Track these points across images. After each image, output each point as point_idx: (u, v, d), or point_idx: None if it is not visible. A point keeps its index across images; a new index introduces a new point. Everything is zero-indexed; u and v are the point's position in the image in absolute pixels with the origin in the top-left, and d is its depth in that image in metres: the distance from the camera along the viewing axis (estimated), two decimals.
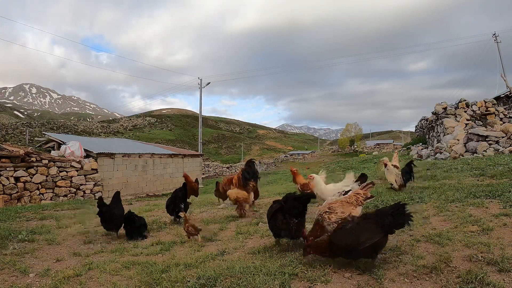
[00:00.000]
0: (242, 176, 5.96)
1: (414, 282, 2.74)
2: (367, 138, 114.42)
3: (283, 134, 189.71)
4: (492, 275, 2.69)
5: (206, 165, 62.32)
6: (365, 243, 2.90)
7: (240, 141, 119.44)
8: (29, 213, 7.59)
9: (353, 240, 2.94)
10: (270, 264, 3.24)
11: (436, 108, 18.98)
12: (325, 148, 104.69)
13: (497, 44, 35.35)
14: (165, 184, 18.48)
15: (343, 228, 3.09)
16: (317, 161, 64.02)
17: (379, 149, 69.18)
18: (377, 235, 2.95)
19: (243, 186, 5.87)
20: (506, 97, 21.30)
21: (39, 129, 75.49)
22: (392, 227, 3.04)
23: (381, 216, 3.06)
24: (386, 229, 3.01)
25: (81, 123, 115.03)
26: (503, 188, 5.51)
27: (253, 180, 5.89)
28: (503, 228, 3.77)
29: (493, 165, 8.54)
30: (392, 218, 3.02)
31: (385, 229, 3.00)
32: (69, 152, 13.82)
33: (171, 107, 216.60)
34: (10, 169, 11.23)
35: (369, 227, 3.00)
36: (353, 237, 2.96)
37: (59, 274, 3.34)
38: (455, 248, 3.32)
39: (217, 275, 2.99)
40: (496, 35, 35.71)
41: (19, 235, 5.04)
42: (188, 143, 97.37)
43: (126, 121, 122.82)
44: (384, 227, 3.00)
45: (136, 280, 3.11)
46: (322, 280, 2.84)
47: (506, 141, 12.71)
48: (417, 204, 5.40)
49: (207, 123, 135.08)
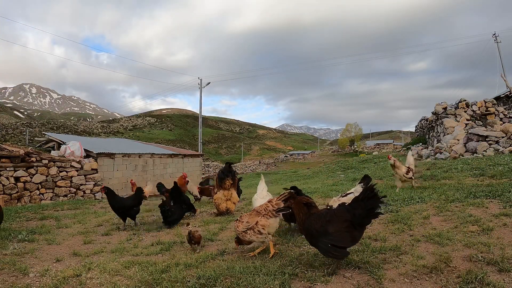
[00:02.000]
0: (218, 176, 6.37)
1: (414, 282, 2.74)
2: (367, 138, 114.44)
3: (283, 134, 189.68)
4: (492, 275, 2.69)
5: (206, 165, 62.36)
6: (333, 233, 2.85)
7: (240, 141, 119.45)
8: (29, 213, 7.59)
9: (320, 225, 2.92)
10: (270, 264, 3.24)
11: (436, 108, 18.98)
12: (325, 148, 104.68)
13: (497, 44, 35.39)
14: (165, 184, 18.44)
15: (315, 214, 3.10)
16: (317, 161, 64.00)
17: (379, 149, 69.14)
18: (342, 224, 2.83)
19: (220, 185, 6.28)
20: (506, 97, 21.31)
21: (39, 129, 75.47)
22: (363, 217, 2.84)
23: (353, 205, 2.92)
24: (356, 219, 2.84)
25: (81, 123, 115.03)
26: (503, 188, 5.51)
27: (229, 178, 6.28)
28: (503, 228, 3.77)
29: (493, 165, 8.54)
30: (363, 203, 2.83)
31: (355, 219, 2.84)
32: (69, 152, 13.81)
33: (171, 107, 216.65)
34: (10, 169, 11.23)
35: (339, 215, 2.91)
36: (320, 223, 2.93)
37: (59, 274, 3.34)
38: (455, 248, 3.32)
39: (217, 275, 2.99)
40: (496, 35, 35.75)
41: (19, 235, 5.04)
42: (188, 143, 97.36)
43: (126, 121, 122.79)
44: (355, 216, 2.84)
45: (136, 280, 3.11)
46: (322, 280, 2.84)
47: (506, 141, 12.70)
48: (417, 204, 5.41)
49: (207, 123, 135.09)
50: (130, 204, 5.73)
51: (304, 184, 11.84)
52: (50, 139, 17.27)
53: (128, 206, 5.70)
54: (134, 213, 5.78)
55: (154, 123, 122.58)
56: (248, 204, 7.16)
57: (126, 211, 5.68)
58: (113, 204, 5.70)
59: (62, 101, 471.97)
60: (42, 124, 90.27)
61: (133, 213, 5.77)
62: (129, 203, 5.74)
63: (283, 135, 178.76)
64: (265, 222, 3.54)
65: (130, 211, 5.72)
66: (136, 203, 5.82)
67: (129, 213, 5.72)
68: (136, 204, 5.82)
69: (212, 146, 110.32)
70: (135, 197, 5.89)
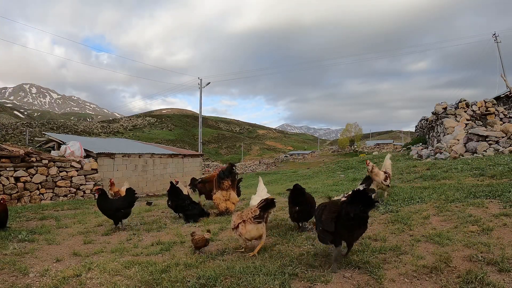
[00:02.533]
0: (218, 176, 6.37)
1: (414, 282, 2.74)
2: (367, 138, 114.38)
3: (283, 134, 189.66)
4: (492, 275, 2.69)
5: (206, 165, 62.38)
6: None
7: (240, 141, 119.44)
8: (29, 213, 7.59)
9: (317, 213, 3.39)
10: (270, 264, 3.24)
11: (436, 108, 18.98)
12: (325, 148, 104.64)
13: (497, 44, 35.36)
14: (165, 184, 18.44)
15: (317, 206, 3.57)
16: (317, 161, 63.99)
17: (379, 149, 69.15)
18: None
19: (219, 185, 6.27)
20: (506, 97, 21.29)
21: (39, 129, 75.46)
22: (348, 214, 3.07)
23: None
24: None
25: (81, 123, 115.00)
26: (503, 188, 5.51)
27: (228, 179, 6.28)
28: (503, 228, 3.77)
29: (493, 165, 8.53)
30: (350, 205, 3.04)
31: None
32: (69, 152, 13.81)
33: (171, 107, 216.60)
34: (10, 169, 11.23)
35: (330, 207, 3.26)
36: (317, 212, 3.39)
37: (59, 274, 3.33)
38: (455, 248, 3.32)
39: (217, 275, 2.99)
40: (496, 35, 35.73)
41: (19, 235, 5.04)
42: (188, 143, 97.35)
43: (126, 121, 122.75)
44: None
45: (136, 280, 3.11)
46: (322, 280, 2.84)
47: (506, 141, 12.70)
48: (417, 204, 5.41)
49: (207, 123, 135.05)
50: (118, 207, 5.43)
51: (304, 184, 11.82)
52: (50, 139, 17.27)
53: (115, 209, 5.41)
54: (120, 215, 5.46)
55: (154, 123, 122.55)
56: (248, 204, 7.17)
57: (112, 214, 5.42)
58: (100, 204, 5.46)
59: (62, 101, 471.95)
60: (42, 124, 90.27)
61: (119, 215, 5.45)
62: (116, 205, 5.45)
63: (283, 135, 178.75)
64: (243, 229, 3.66)
65: (117, 213, 5.43)
66: (126, 205, 5.48)
67: (115, 215, 5.44)
68: (126, 207, 5.47)
69: (212, 146, 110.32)
70: (124, 199, 5.63)
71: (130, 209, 5.60)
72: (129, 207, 5.58)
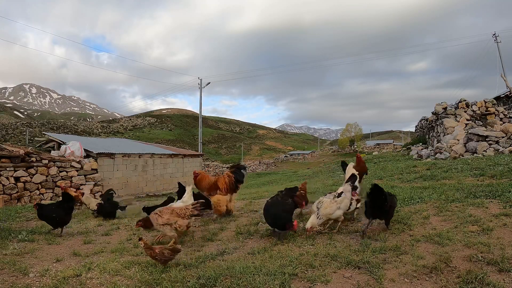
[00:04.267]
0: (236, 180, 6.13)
1: (414, 282, 2.74)
2: (367, 138, 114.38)
3: (283, 134, 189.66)
4: (492, 275, 2.69)
5: (206, 165, 62.40)
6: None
7: (240, 141, 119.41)
8: (29, 213, 7.58)
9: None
10: (270, 264, 3.24)
11: (436, 108, 18.97)
12: (325, 148, 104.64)
13: (497, 44, 35.36)
14: (165, 184, 18.49)
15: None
16: (317, 161, 64.01)
17: (379, 149, 69.16)
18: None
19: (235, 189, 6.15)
20: (506, 97, 21.29)
21: (39, 129, 75.44)
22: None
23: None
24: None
25: (81, 123, 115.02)
26: (503, 188, 5.51)
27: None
28: (503, 228, 3.77)
29: (493, 165, 8.53)
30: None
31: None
32: (69, 152, 13.82)
33: (171, 107, 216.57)
34: (10, 169, 11.23)
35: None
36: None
37: (59, 274, 3.33)
38: (455, 248, 3.32)
39: (217, 275, 2.99)
40: (496, 35, 35.72)
41: (19, 235, 5.03)
42: (188, 143, 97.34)
43: (126, 121, 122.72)
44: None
45: (136, 280, 3.11)
46: (322, 280, 2.84)
47: (506, 141, 12.70)
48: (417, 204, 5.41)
49: (207, 123, 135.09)
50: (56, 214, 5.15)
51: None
52: (50, 139, 17.28)
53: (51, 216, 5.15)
54: (54, 221, 5.18)
55: (154, 123, 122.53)
56: (248, 204, 7.17)
57: (49, 220, 5.18)
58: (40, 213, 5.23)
59: (62, 101, 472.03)
60: (42, 124, 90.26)
61: (53, 222, 5.19)
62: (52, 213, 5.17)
63: (283, 135, 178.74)
64: (182, 222, 4.20)
65: (52, 220, 5.19)
66: (61, 212, 5.12)
67: (52, 222, 5.21)
68: (61, 214, 5.14)
69: (212, 146, 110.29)
70: (59, 204, 5.32)
71: (66, 216, 5.27)
72: (66, 214, 5.25)
